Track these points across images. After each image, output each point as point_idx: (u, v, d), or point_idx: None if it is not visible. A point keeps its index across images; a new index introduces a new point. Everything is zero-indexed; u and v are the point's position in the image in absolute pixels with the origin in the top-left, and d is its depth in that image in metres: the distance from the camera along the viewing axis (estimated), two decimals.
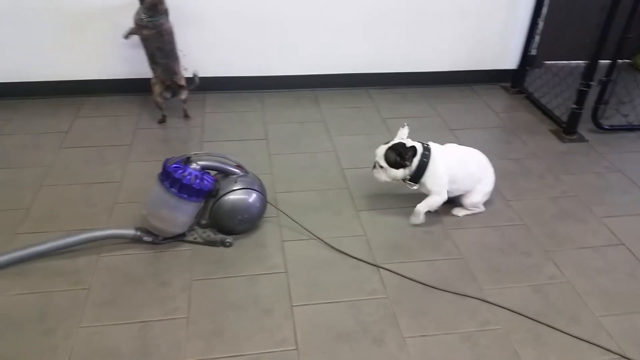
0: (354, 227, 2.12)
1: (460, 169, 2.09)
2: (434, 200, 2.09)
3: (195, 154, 1.95)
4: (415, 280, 1.85)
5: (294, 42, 3.16)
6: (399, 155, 1.99)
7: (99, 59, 3.04)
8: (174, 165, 1.86)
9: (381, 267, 1.90)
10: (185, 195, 1.85)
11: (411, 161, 2.00)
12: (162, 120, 2.86)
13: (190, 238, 1.99)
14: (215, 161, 1.99)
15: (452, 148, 2.14)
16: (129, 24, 2.71)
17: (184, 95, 2.82)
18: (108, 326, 1.64)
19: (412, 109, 3.13)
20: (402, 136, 2.05)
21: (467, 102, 3.25)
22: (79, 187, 2.29)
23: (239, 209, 1.96)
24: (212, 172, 1.98)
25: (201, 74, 2.99)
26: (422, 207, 2.09)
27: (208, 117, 2.95)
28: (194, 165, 1.90)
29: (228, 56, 3.16)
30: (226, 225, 2.00)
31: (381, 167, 2.04)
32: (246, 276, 1.86)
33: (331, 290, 1.80)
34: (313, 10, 3.07)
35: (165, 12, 2.66)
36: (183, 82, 2.78)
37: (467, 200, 2.17)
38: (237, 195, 1.96)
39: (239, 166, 2.03)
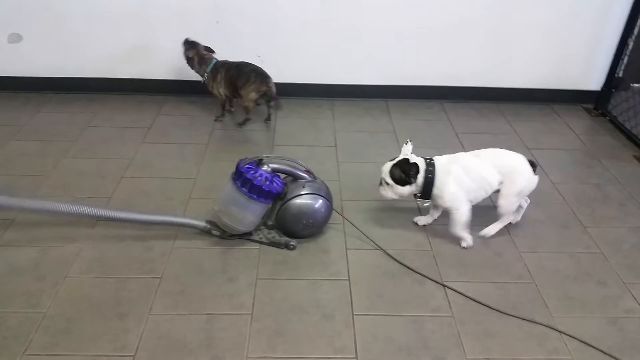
0: (420, 240, 2.09)
1: (467, 177, 1.98)
2: (458, 217, 2.01)
3: (267, 157, 2.00)
4: (482, 304, 1.80)
5: (367, 52, 3.17)
6: (403, 172, 1.96)
7: (181, 61, 3.19)
8: (247, 166, 1.92)
9: (447, 287, 1.86)
10: (255, 196, 1.90)
11: (416, 177, 1.96)
12: (242, 124, 2.94)
13: (255, 237, 2.04)
14: (286, 165, 2.03)
15: (456, 157, 2.04)
16: (207, 28, 2.88)
17: (274, 100, 2.90)
18: (177, 315, 1.71)
19: (487, 125, 3.05)
20: (407, 152, 2.01)
21: (546, 121, 3.13)
22: (157, 180, 2.41)
23: (304, 213, 1.99)
24: (282, 175, 2.02)
25: (275, 80, 3.07)
26: (456, 230, 2.04)
27: (280, 122, 3.02)
28: (265, 167, 1.95)
29: (302, 63, 3.23)
30: (291, 228, 2.03)
31: (387, 184, 2.00)
32: (309, 280, 1.88)
33: (394, 303, 1.79)
34: (388, 20, 3.07)
35: (210, 59, 2.86)
36: (274, 84, 2.84)
37: (498, 209, 2.06)
38: (304, 199, 1.98)
39: (308, 171, 2.06)
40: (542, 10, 3.05)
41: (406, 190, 1.99)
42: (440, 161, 2.01)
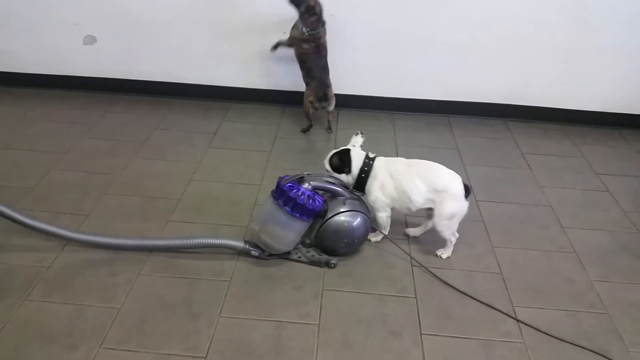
0: (488, 262, 2.05)
1: (391, 185, 2.00)
2: (377, 217, 2.06)
3: (307, 174, 1.98)
4: (553, 337, 1.73)
5: (430, 66, 3.15)
6: (340, 161, 2.05)
7: (246, 69, 3.25)
8: (289, 184, 1.89)
9: (520, 321, 1.79)
10: (298, 214, 1.87)
11: (349, 167, 2.03)
12: (306, 130, 3.00)
13: (294, 256, 2.00)
14: (325, 182, 2.00)
15: (392, 163, 2.06)
16: (275, 39, 2.91)
17: (331, 106, 2.94)
18: (246, 320, 1.73)
19: (554, 146, 2.98)
20: (354, 143, 2.10)
21: (614, 146, 3.03)
22: (224, 185, 2.46)
23: (345, 230, 1.96)
24: (320, 192, 1.99)
25: (337, 91, 3.11)
26: (377, 226, 2.09)
27: (341, 133, 3.04)
28: (306, 185, 1.92)
29: (364, 75, 3.23)
30: (331, 247, 2.00)
31: (327, 171, 2.10)
32: (375, 295, 1.87)
33: (463, 325, 1.76)
34: (453, 35, 3.05)
35: (324, 24, 2.80)
36: (332, 94, 2.91)
37: (439, 233, 2.01)
38: (345, 217, 1.96)
39: (345, 187, 2.04)
40: (617, 32, 2.96)
41: (342, 178, 2.07)
42: (377, 162, 2.06)
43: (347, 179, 2.06)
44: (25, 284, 1.83)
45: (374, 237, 2.12)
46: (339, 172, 2.06)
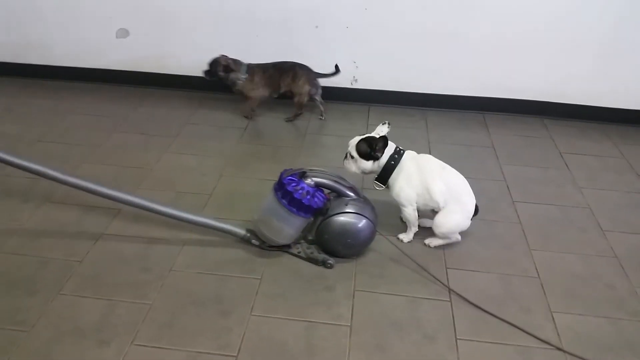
0: (526, 265, 1.99)
1: (417, 179, 1.97)
2: (403, 212, 2.03)
3: (311, 170, 1.94)
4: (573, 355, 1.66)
5: (464, 61, 3.08)
6: (369, 147, 1.97)
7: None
8: (289, 177, 1.86)
9: (563, 351, 1.73)
10: (294, 209, 1.84)
11: (382, 152, 1.98)
12: (293, 119, 3.05)
13: (294, 251, 1.98)
14: (330, 180, 1.95)
15: (423, 158, 2.04)
16: (306, 32, 2.94)
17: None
18: (277, 319, 1.71)
19: (593, 146, 2.88)
20: (379, 132, 2.03)
21: None
22: (254, 181, 2.45)
23: (345, 232, 1.90)
24: (326, 191, 1.95)
25: (368, 86, 3.06)
26: (407, 224, 2.07)
27: (371, 129, 2.97)
28: (308, 181, 1.89)
29: (396, 70, 3.18)
30: (330, 246, 1.95)
31: (352, 157, 2.02)
32: (408, 297, 1.83)
33: (499, 330, 1.71)
34: (488, 28, 2.97)
35: (239, 63, 2.90)
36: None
37: (435, 228, 2.01)
38: (345, 218, 1.90)
39: (352, 188, 1.99)
40: None
41: (368, 165, 2.01)
42: (407, 155, 2.02)
43: (373, 166, 2.01)
44: (58, 277, 1.84)
45: (405, 237, 2.07)
46: (367, 159, 2.00)
